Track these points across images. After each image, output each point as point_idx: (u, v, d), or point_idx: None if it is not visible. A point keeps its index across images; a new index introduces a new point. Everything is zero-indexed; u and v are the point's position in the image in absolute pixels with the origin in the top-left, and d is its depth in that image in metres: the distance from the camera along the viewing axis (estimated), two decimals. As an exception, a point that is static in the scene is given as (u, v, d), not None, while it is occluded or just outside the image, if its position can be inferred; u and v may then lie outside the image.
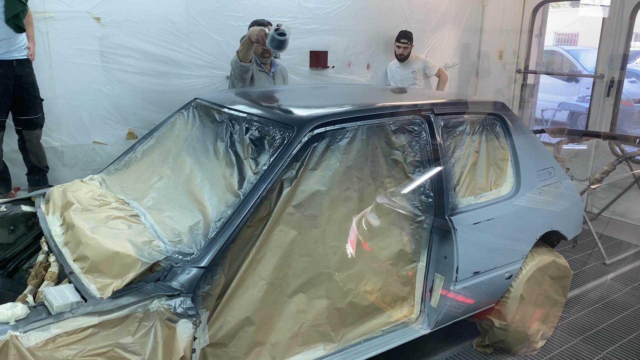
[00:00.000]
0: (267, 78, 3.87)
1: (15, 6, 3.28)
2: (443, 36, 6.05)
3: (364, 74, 5.51)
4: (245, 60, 3.50)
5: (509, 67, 6.24)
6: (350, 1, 5.12)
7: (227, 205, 2.05)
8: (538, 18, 6.05)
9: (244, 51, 3.45)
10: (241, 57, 3.48)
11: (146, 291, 1.77)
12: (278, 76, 3.98)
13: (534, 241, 2.85)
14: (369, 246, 2.34)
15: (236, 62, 3.52)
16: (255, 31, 3.30)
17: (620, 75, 5.10)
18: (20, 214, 2.61)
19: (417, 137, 2.48)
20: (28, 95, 3.52)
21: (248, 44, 3.40)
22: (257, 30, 3.30)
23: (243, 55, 3.47)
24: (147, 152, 2.80)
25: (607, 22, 5.13)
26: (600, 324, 3.37)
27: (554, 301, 3.05)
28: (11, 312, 1.61)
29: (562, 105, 9.46)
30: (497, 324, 2.82)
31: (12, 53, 3.41)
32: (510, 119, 2.90)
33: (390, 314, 2.45)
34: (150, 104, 4.21)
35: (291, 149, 2.11)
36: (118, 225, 2.13)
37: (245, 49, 3.45)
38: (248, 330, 2.01)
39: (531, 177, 2.89)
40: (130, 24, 3.99)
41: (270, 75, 3.90)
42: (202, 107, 2.78)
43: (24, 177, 3.77)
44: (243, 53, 3.46)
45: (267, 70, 3.88)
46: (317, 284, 2.18)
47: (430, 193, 2.48)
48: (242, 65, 3.51)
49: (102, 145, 4.11)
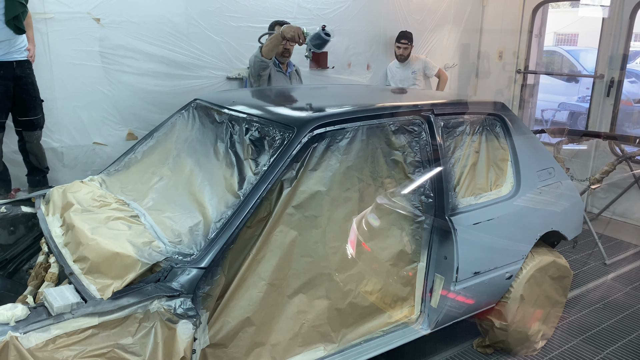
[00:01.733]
0: (284, 78, 3.93)
1: (15, 8, 3.28)
2: (443, 36, 6.05)
3: (364, 75, 5.51)
4: (267, 57, 3.53)
5: (509, 67, 6.24)
6: (350, 2, 5.13)
7: (227, 205, 2.04)
8: (538, 18, 6.05)
9: (270, 47, 3.48)
10: (265, 53, 3.50)
11: (146, 292, 1.77)
12: (294, 76, 4.05)
13: (534, 241, 2.85)
14: (369, 247, 2.34)
15: (256, 58, 3.55)
16: (292, 28, 3.30)
17: (620, 75, 5.10)
18: (20, 215, 2.61)
19: (417, 137, 2.48)
20: (28, 97, 3.52)
21: (278, 41, 3.43)
22: (294, 28, 3.31)
23: (268, 52, 3.50)
24: (147, 152, 2.80)
25: (607, 22, 5.13)
26: (601, 324, 3.37)
27: (554, 301, 3.05)
28: (11, 313, 1.61)
29: (562, 106, 9.46)
30: (498, 324, 2.82)
31: (12, 54, 3.41)
32: (510, 119, 2.90)
33: (390, 315, 2.45)
34: (150, 105, 4.21)
35: (291, 149, 2.11)
36: (118, 226, 2.13)
37: (273, 46, 3.48)
38: (248, 330, 2.01)
39: (531, 177, 2.89)
40: (130, 25, 3.99)
41: (287, 75, 3.93)
42: (202, 107, 2.78)
43: (24, 178, 3.77)
44: (269, 49, 3.49)
45: (284, 70, 3.90)
46: (317, 284, 2.18)
47: (430, 193, 2.48)
48: (263, 61, 3.54)
49: (102, 146, 4.11)
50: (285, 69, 3.93)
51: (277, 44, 3.48)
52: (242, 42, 4.55)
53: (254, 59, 3.59)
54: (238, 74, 4.58)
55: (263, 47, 3.51)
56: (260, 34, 3.88)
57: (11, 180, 3.71)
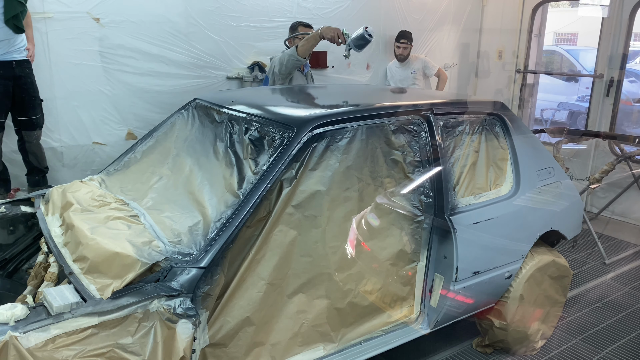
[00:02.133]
0: (303, 78, 4.03)
1: (14, 7, 3.28)
2: (442, 36, 6.05)
3: (364, 74, 5.51)
4: (303, 56, 3.64)
5: (509, 67, 6.24)
6: (350, 1, 5.12)
7: (226, 205, 2.04)
8: (537, 18, 6.05)
9: (307, 47, 3.59)
10: (302, 52, 3.61)
11: (146, 292, 1.77)
12: (309, 77, 4.14)
13: (533, 241, 2.85)
14: (369, 246, 2.34)
15: (291, 57, 3.65)
16: (331, 29, 3.44)
17: (619, 74, 5.10)
18: (19, 215, 2.61)
19: (417, 137, 2.48)
20: (28, 96, 3.52)
21: (316, 41, 3.55)
22: (334, 28, 3.44)
23: (305, 51, 3.61)
24: (147, 152, 2.80)
25: (607, 22, 5.13)
26: (600, 324, 3.37)
27: (554, 301, 3.05)
28: (11, 313, 1.61)
29: (562, 105, 9.46)
30: (497, 324, 2.82)
31: (11, 54, 3.41)
32: (509, 118, 2.90)
33: (390, 314, 2.45)
34: (149, 104, 4.21)
35: (291, 149, 2.11)
36: (118, 225, 2.13)
37: (310, 45, 3.59)
38: (248, 330, 2.01)
39: (531, 176, 2.89)
40: (129, 25, 3.99)
41: (304, 75, 4.05)
42: (202, 107, 2.78)
43: (24, 177, 3.77)
44: (306, 48, 3.60)
45: (302, 70, 4.01)
46: (317, 284, 2.18)
47: (429, 193, 2.48)
48: (299, 60, 3.65)
49: (102, 146, 4.11)
50: (302, 69, 4.01)
51: (314, 43, 3.59)
52: (241, 42, 4.55)
53: (288, 58, 3.66)
54: (237, 74, 4.58)
55: (299, 46, 3.61)
56: (260, 33, 3.88)
57: (10, 180, 3.71)
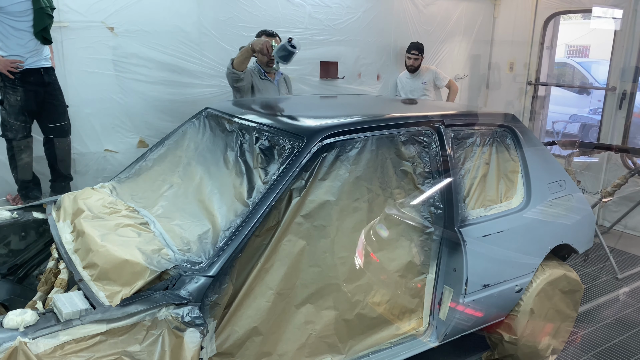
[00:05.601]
0: (272, 87, 3.95)
1: (44, 20, 3.41)
2: (454, 48, 6.05)
3: (374, 85, 5.52)
4: (238, 69, 3.55)
5: (520, 79, 6.22)
6: (361, 12, 5.15)
7: (236, 214, 2.05)
8: (549, 30, 6.04)
9: (240, 59, 3.52)
10: (235, 64, 3.54)
11: (154, 299, 1.77)
12: (282, 85, 4.07)
13: (544, 254, 2.82)
14: (378, 257, 2.33)
15: (228, 69, 3.59)
16: (260, 41, 3.37)
17: (632, 87, 5.07)
18: (31, 221, 2.64)
19: (427, 148, 2.48)
20: (57, 102, 3.62)
21: (248, 53, 3.47)
22: (263, 40, 3.38)
23: (238, 63, 3.53)
24: (158, 160, 2.82)
25: (619, 35, 5.11)
26: (612, 340, 3.32)
27: (565, 315, 3.01)
28: (20, 319, 1.62)
29: (574, 118, 9.41)
30: (507, 338, 2.79)
31: (40, 62, 3.51)
32: (520, 130, 2.89)
33: (398, 326, 2.43)
34: (161, 113, 4.25)
35: (300, 158, 2.12)
36: (128, 233, 2.14)
37: (243, 58, 3.51)
38: (255, 340, 2.01)
39: (542, 189, 2.87)
40: (143, 34, 4.04)
41: (275, 83, 3.95)
42: (213, 116, 2.80)
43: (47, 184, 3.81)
44: (239, 61, 3.52)
45: (272, 79, 3.93)
46: (325, 294, 2.17)
47: (439, 204, 2.47)
48: (234, 73, 3.57)
49: (114, 153, 4.14)
50: (272, 77, 3.94)
51: (247, 56, 3.51)
52: (253, 52, 4.58)
53: (227, 72, 3.62)
54: (249, 83, 4.61)
55: (235, 59, 3.55)
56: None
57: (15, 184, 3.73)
